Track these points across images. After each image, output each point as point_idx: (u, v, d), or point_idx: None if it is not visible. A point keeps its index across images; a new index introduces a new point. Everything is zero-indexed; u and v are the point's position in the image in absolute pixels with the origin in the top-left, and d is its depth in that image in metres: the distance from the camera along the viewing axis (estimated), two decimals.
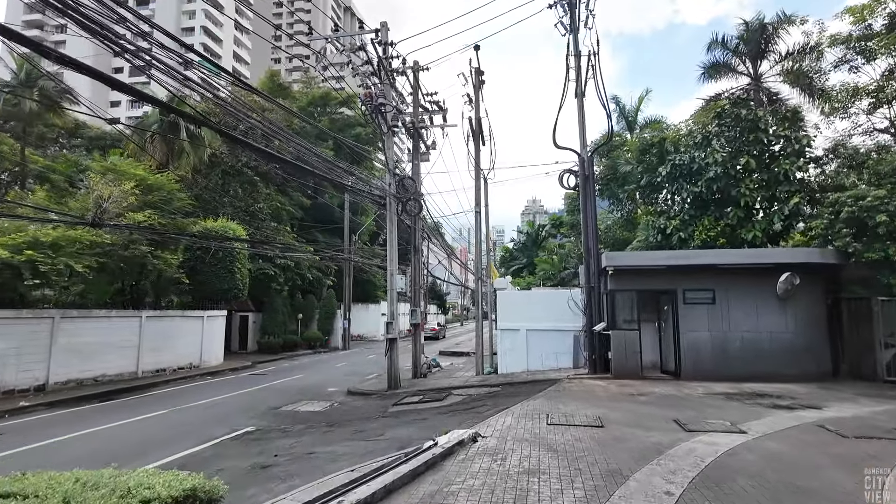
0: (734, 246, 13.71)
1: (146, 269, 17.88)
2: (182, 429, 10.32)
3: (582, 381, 12.39)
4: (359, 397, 13.70)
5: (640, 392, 10.73)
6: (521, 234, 34.37)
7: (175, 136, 21.83)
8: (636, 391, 10.85)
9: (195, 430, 10.21)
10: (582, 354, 14.57)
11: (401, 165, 18.71)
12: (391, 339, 13.97)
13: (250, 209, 27.94)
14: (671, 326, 12.92)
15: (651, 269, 12.74)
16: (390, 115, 14.14)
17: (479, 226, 16.77)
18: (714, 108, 14.99)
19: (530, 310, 15.17)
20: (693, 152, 14.11)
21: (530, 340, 15.09)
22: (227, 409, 12.58)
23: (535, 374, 13.85)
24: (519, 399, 10.54)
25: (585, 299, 13.39)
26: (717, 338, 12.50)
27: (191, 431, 10.09)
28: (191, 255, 21.79)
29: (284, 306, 29.75)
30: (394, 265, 14.30)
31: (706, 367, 12.47)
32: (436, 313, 63.40)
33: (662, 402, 9.56)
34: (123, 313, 17.13)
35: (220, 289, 21.78)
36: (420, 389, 13.37)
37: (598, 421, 7.95)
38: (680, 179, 14.50)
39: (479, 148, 16.86)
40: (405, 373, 17.13)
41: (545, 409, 8.98)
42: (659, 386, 11.50)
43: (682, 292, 12.72)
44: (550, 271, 27.16)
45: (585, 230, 13.44)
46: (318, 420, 10.80)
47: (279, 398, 13.97)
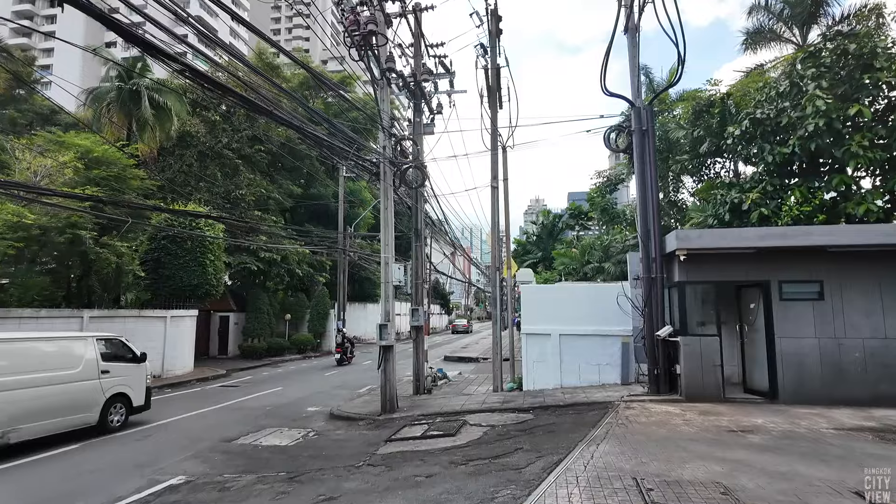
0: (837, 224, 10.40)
1: (90, 259, 14.64)
2: (79, 482, 7.07)
3: (644, 405, 9.08)
4: (343, 424, 10.42)
5: (740, 426, 7.43)
6: (534, 226, 31.14)
7: (136, 106, 18.61)
8: (734, 424, 7.54)
9: (98, 484, 6.99)
10: (633, 367, 11.27)
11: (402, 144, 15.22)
12: (385, 346, 10.69)
13: (231, 195, 24.70)
14: (761, 330, 9.61)
15: (736, 252, 9.42)
16: (384, 54, 10.87)
17: (496, 204, 13.47)
18: (804, 50, 11.66)
19: (564, 309, 11.87)
20: (781, 103, 10.79)
21: (564, 348, 11.79)
22: (162, 442, 9.34)
23: (574, 394, 10.55)
24: (567, 437, 7.24)
25: (644, 295, 10.08)
26: (828, 346, 9.18)
27: (89, 488, 6.86)
28: (155, 246, 18.62)
29: (270, 305, 26.49)
30: (389, 251, 11.04)
31: (812, 385, 9.15)
32: (439, 314, 60.17)
33: (792, 448, 6.26)
34: (58, 313, 13.89)
35: (189, 284, 18.54)
36: (423, 414, 10.09)
37: (726, 495, 4.68)
38: (760, 140, 11.18)
39: (496, 106, 13.56)
40: (405, 386, 13.84)
41: (624, 463, 5.69)
42: (758, 415, 8.19)
43: (777, 284, 9.39)
44: (571, 265, 23.85)
45: (643, 203, 10.14)
46: (278, 466, 7.53)
47: (241, 423, 10.73)
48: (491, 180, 13.48)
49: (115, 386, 9.90)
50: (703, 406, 8.88)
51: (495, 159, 13.58)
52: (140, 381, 10.61)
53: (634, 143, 10.29)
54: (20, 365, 8.43)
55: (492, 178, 13.51)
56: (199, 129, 24.40)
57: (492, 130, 13.42)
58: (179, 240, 18.44)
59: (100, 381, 9.62)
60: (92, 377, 9.51)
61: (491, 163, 13.51)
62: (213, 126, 25.13)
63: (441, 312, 61.85)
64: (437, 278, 50.79)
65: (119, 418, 10.01)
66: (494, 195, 13.35)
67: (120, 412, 10.04)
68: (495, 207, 13.48)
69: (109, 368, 9.87)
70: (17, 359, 8.48)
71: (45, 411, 8.60)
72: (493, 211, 13.44)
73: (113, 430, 9.79)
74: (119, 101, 18.63)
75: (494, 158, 13.55)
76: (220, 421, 10.95)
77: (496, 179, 13.53)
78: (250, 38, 69.33)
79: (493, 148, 13.32)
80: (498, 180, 13.56)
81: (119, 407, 10.02)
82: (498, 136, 13.60)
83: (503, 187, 13.91)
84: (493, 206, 13.44)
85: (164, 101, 19.39)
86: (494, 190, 13.41)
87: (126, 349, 10.58)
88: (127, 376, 10.27)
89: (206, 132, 24.69)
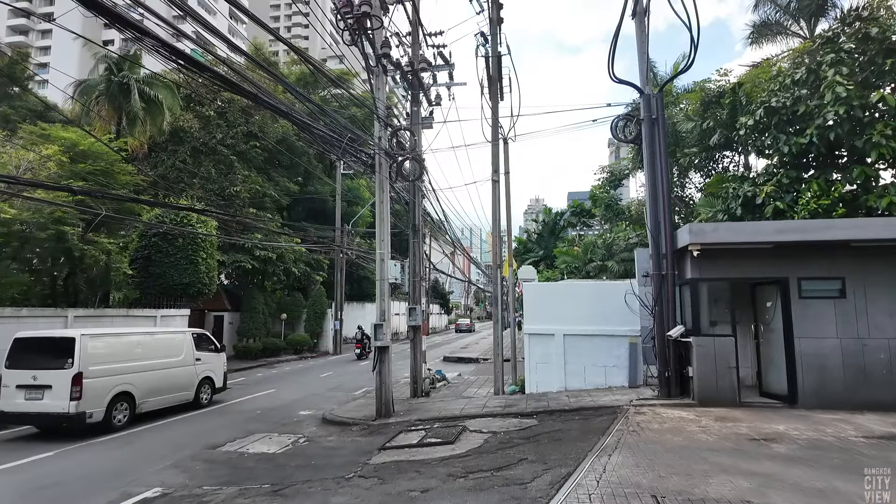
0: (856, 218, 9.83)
1: (75, 256, 14.08)
2: (48, 494, 6.53)
3: (655, 410, 8.52)
4: (335, 429, 9.86)
5: (761, 434, 6.87)
6: (535, 224, 30.51)
7: (125, 99, 18.04)
8: (755, 432, 6.99)
9: (69, 495, 6.45)
10: (641, 369, 10.71)
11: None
12: (381, 347, 10.14)
13: (225, 192, 24.13)
14: (778, 330, 9.06)
15: (752, 248, 8.87)
16: (379, 39, 10.31)
17: (496, 199, 12.91)
18: (820, 36, 11.08)
19: (569, 307, 11.31)
20: (797, 91, 10.22)
21: (569, 348, 11.22)
22: (145, 448, 8.82)
23: (580, 397, 9.99)
24: (575, 446, 6.69)
25: (654, 293, 9.52)
26: (850, 347, 8.62)
27: (57, 500, 6.32)
28: (146, 243, 18.06)
29: (266, 305, 25.92)
30: (385, 247, 10.48)
31: (834, 389, 8.59)
32: (439, 313, 59.59)
33: (824, 460, 5.71)
34: (40, 312, 13.31)
35: (180, 283, 17.97)
36: (420, 419, 9.53)
37: None
38: (774, 130, 10.61)
39: (496, 96, 12.99)
40: (402, 388, 13.31)
41: (640, 477, 5.13)
42: (778, 421, 7.64)
43: (796, 282, 8.84)
44: (574, 264, 23.25)
45: (654, 195, 9.58)
46: (263, 477, 6.98)
47: (229, 427, 10.20)
48: (492, 174, 12.92)
49: (204, 371, 12.25)
50: (717, 411, 8.33)
51: (496, 152, 13.03)
52: (220, 368, 12.92)
53: (644, 132, 9.73)
54: (149, 353, 10.90)
55: (492, 172, 12.95)
56: (193, 124, 23.83)
57: (493, 121, 12.87)
58: (170, 237, 17.87)
59: (195, 366, 11.98)
60: (190, 364, 11.85)
61: (492, 155, 12.96)
62: (207, 121, 24.56)
63: (441, 312, 61.28)
64: (436, 277, 50.28)
65: (206, 396, 12.38)
66: (495, 189, 12.80)
67: (207, 392, 12.39)
68: (496, 202, 12.93)
69: (200, 357, 12.18)
70: (147, 349, 10.93)
71: (162, 389, 11.05)
72: (493, 206, 12.89)
73: (203, 406, 12.14)
74: (108, 94, 18.05)
75: (495, 151, 12.99)
76: (208, 427, 10.40)
77: (497, 173, 12.97)
78: (247, 34, 68.88)
79: (494, 139, 12.76)
80: (499, 174, 13.01)
81: (206, 388, 12.37)
82: (499, 128, 13.04)
83: (504, 181, 13.35)
84: (493, 200, 12.88)
85: (156, 95, 18.82)
86: (495, 184, 12.85)
87: (210, 341, 12.95)
88: (211, 363, 12.59)
89: (199, 128, 24.13)
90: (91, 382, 9.42)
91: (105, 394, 9.67)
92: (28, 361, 9.51)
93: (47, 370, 9.32)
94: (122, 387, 10.02)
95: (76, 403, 9.12)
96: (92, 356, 9.62)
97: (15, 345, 9.71)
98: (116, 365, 10.05)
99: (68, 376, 9.18)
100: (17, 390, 9.36)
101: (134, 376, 10.31)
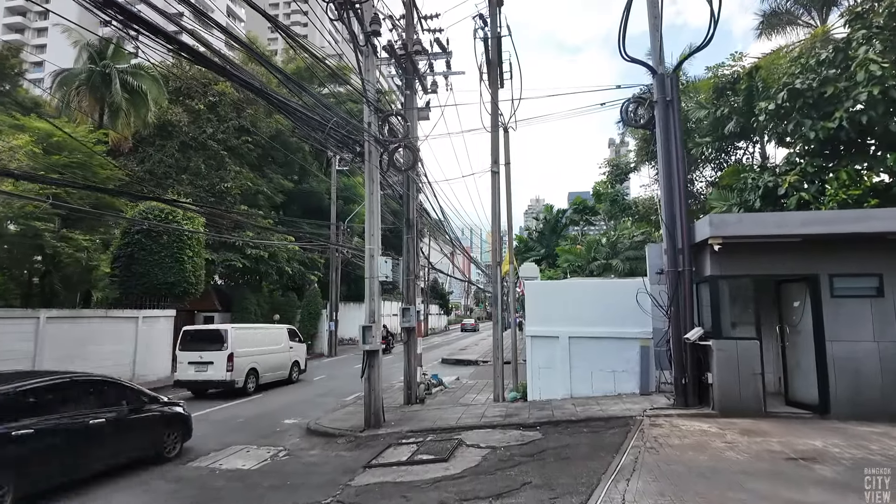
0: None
1: (47, 253, 13.24)
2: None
3: (673, 422, 7.66)
4: (320, 441, 9.01)
5: (797, 452, 6.02)
6: (536, 222, 29.69)
7: (108, 90, 17.19)
8: (789, 449, 6.13)
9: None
10: (653, 374, 9.86)
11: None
12: (370, 351, 9.29)
13: (216, 189, 23.28)
14: (805, 332, 8.20)
15: (779, 241, 8.01)
16: (368, 15, 9.47)
17: (496, 192, 12.05)
18: (847, 13, 10.22)
19: (574, 308, 10.45)
20: (825, 71, 9.36)
21: (574, 352, 10.37)
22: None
23: (587, 406, 9.13)
24: (586, 467, 5.84)
25: (669, 291, 8.66)
26: (890, 351, 7.76)
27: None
28: (129, 241, 17.21)
29: (258, 305, 25.07)
30: (375, 242, 9.63)
31: (871, 397, 7.73)
32: (438, 314, 58.68)
33: None
34: (9, 313, 12.48)
35: (165, 282, 17.12)
36: (412, 430, 8.68)
37: None
38: (798, 115, 9.75)
39: (496, 82, 12.14)
40: (395, 394, 12.50)
41: None
42: (812, 435, 6.78)
43: (827, 279, 7.98)
44: (576, 263, 22.44)
45: (669, 185, 8.73)
46: (228, 500, 6.13)
47: (206, 438, 9.33)
48: (491, 164, 12.07)
49: (293, 356, 16.49)
50: (742, 423, 7.47)
51: (496, 141, 12.18)
52: (303, 355, 17.24)
53: (657, 115, 8.87)
54: (265, 342, 15.17)
55: (492, 163, 12.10)
56: (182, 118, 22.97)
57: (492, 109, 12.02)
58: (155, 234, 17.03)
59: (289, 352, 16.28)
60: (286, 350, 16.18)
61: (491, 145, 12.11)
62: (197, 115, 23.70)
63: (440, 312, 60.38)
64: (435, 277, 49.40)
65: (296, 375, 16.58)
66: (494, 181, 11.94)
67: (296, 372, 16.57)
68: (495, 195, 12.07)
69: (292, 345, 16.48)
70: (264, 338, 15.25)
71: (272, 367, 15.26)
72: (493, 199, 12.03)
73: (293, 382, 16.28)
74: (89, 84, 17.23)
75: (495, 139, 12.14)
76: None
77: (497, 164, 12.12)
78: (245, 28, 68.12)
79: (494, 127, 11.92)
80: (499, 165, 12.16)
81: (295, 369, 16.52)
82: (499, 116, 12.20)
83: (504, 172, 12.49)
84: (493, 193, 12.02)
85: (139, 85, 17.98)
86: (495, 175, 12.00)
87: (297, 335, 17.21)
88: (298, 351, 16.87)
89: (189, 122, 23.27)
90: (237, 360, 13.52)
91: (244, 368, 13.83)
92: (195, 345, 13.71)
93: (209, 351, 13.40)
94: (252, 364, 14.16)
95: (230, 374, 13.25)
96: (237, 342, 13.66)
97: (184, 335, 14.10)
98: (249, 349, 14.11)
99: (224, 355, 13.30)
100: (188, 366, 13.54)
101: (258, 357, 14.49)
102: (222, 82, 23.62)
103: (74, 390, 6.54)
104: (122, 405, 6.92)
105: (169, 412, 7.98)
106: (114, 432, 6.75)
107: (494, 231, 12.60)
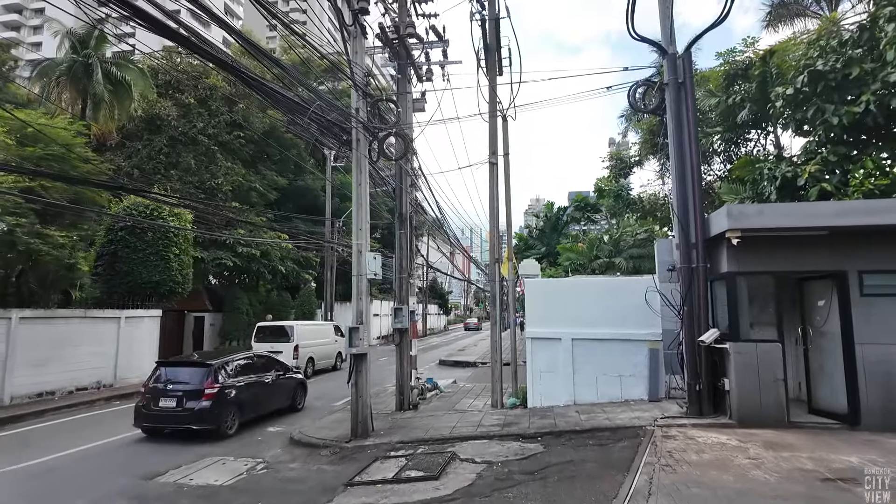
0: None
1: (20, 251, 12.53)
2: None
3: (688, 433, 6.96)
4: (302, 452, 8.29)
5: (832, 471, 5.31)
6: (536, 219, 28.99)
7: (90, 81, 16.48)
8: (823, 467, 5.43)
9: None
10: (663, 379, 9.15)
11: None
12: (357, 355, 8.58)
13: (206, 185, 22.56)
14: (831, 334, 7.50)
15: (803, 234, 7.30)
16: None
17: (494, 184, 11.34)
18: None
19: (578, 307, 9.75)
20: (849, 51, 8.65)
21: (578, 355, 9.66)
22: (72, 475, 7.28)
23: (592, 414, 8.43)
24: (594, 488, 5.15)
25: (682, 289, 7.95)
26: None
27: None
28: (112, 238, 16.51)
29: (251, 305, 24.34)
30: (363, 236, 8.93)
31: None
32: (437, 314, 57.96)
33: None
34: None
35: (150, 281, 16.40)
36: (402, 441, 7.97)
37: None
38: (818, 99, 9.04)
39: (494, 68, 11.43)
40: (387, 399, 11.80)
41: None
42: (844, 449, 6.07)
43: (856, 276, 7.28)
44: (578, 261, 21.76)
45: (681, 175, 8.02)
46: None
47: (179, 449, 8.60)
48: (489, 155, 11.37)
49: (337, 348, 19.49)
50: (764, 434, 6.77)
51: (493, 130, 11.47)
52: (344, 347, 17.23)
53: (668, 98, 8.17)
54: (318, 335, 18.75)
55: (490, 154, 11.40)
56: (171, 112, 22.25)
57: (490, 96, 11.31)
58: (139, 230, 16.33)
59: (335, 345, 19.45)
60: (332, 343, 19.44)
61: (489, 134, 11.40)
62: (187, 110, 22.97)
63: (439, 312, 59.66)
64: (434, 276, 48.68)
65: (340, 363, 19.60)
66: (493, 173, 11.22)
67: (339, 361, 19.60)
68: (493, 188, 11.36)
69: (336, 339, 19.47)
70: (317, 333, 18.82)
71: (324, 357, 18.70)
72: (491, 192, 11.31)
73: (338, 370, 19.22)
74: (71, 74, 16.52)
75: (493, 128, 11.44)
76: (153, 447, 8.85)
77: (495, 155, 11.42)
78: (242, 26, 67.46)
79: (492, 114, 11.21)
80: (497, 155, 11.45)
81: (339, 359, 19.64)
82: (497, 103, 11.49)
83: (503, 163, 11.78)
84: (491, 186, 11.31)
85: (124, 77, 17.26)
86: (493, 166, 11.29)
87: (339, 330, 19.68)
88: (340, 344, 19.13)
89: (178, 116, 22.54)
90: (301, 350, 16.64)
91: (305, 357, 16.88)
92: (267, 338, 16.83)
93: (279, 343, 16.40)
94: (310, 353, 17.35)
95: (296, 361, 15.72)
96: (300, 335, 16.83)
97: (258, 330, 17.50)
98: (308, 341, 17.29)
99: (291, 346, 16.39)
100: None
101: (314, 348, 17.65)
102: (214, 75, 22.94)
103: (255, 361, 10.59)
104: (278, 372, 11.03)
105: (298, 378, 12.18)
106: (275, 387, 10.78)
107: (492, 226, 11.89)
